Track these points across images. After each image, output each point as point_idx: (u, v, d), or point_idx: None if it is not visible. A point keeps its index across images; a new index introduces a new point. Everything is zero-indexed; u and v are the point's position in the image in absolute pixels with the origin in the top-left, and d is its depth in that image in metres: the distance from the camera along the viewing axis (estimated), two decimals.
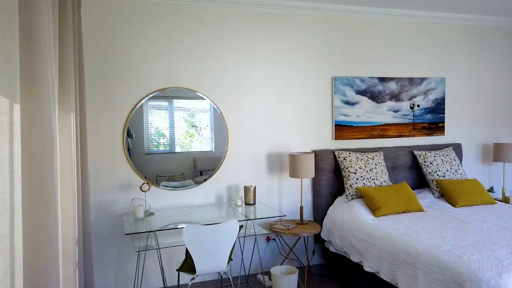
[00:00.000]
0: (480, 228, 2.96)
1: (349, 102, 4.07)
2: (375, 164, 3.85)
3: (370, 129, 4.17)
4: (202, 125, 3.65)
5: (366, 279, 3.15)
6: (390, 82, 4.20)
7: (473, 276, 2.20)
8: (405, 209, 3.47)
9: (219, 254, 2.61)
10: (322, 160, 3.88)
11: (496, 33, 4.57)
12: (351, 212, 3.48)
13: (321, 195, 3.90)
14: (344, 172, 3.79)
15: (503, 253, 2.43)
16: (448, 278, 2.32)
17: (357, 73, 4.09)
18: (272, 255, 3.89)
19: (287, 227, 3.46)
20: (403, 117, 4.28)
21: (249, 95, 3.75)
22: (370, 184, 3.72)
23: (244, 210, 3.36)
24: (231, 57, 3.67)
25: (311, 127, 3.98)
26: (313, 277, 3.70)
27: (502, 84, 4.64)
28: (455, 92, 4.47)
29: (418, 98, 4.31)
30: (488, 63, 4.57)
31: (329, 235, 3.63)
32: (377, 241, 2.98)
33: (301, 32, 3.87)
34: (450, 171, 4.01)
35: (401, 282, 2.65)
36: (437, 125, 4.40)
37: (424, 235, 2.82)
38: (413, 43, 4.26)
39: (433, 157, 4.07)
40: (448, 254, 2.46)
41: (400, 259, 2.71)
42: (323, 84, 3.99)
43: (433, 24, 4.33)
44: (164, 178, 3.55)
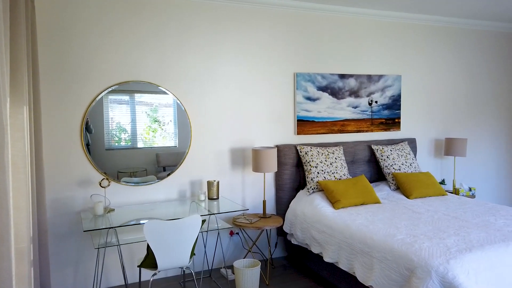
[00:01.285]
0: (431, 218, 3.14)
1: (310, 98, 4.16)
2: (335, 158, 3.96)
3: (330, 125, 4.29)
4: (165, 120, 3.60)
5: (326, 270, 3.26)
6: (350, 79, 4.33)
7: (423, 263, 2.34)
8: (363, 201, 3.61)
9: (181, 249, 2.60)
10: (284, 154, 3.95)
11: (448, 33, 4.82)
12: (312, 205, 3.57)
13: (283, 189, 3.98)
14: (306, 166, 3.88)
15: (451, 241, 2.59)
16: (401, 266, 2.45)
17: (319, 70, 4.18)
18: (236, 249, 3.92)
19: (250, 221, 3.50)
20: (362, 113, 4.43)
21: (213, 90, 3.74)
22: (330, 177, 3.84)
23: (207, 205, 3.37)
24: (195, 52, 3.64)
25: (274, 122, 4.03)
26: (276, 269, 3.78)
27: (453, 82, 4.91)
28: (410, 89, 4.68)
29: (376, 94, 4.48)
30: (441, 62, 4.82)
31: (291, 228, 3.71)
32: (336, 233, 3.08)
33: (265, 28, 3.91)
34: (405, 165, 4.21)
35: (358, 271, 2.77)
36: (394, 120, 4.60)
37: (380, 226, 2.95)
38: (371, 41, 4.42)
39: (389, 151, 4.25)
40: (401, 243, 2.59)
41: (358, 249, 2.82)
42: (285, 80, 4.05)
43: (391, 23, 4.50)
44: (125, 174, 3.48)
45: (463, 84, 4.97)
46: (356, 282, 2.87)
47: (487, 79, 5.11)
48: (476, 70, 5.03)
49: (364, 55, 4.39)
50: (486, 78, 5.10)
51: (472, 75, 5.02)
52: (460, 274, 2.23)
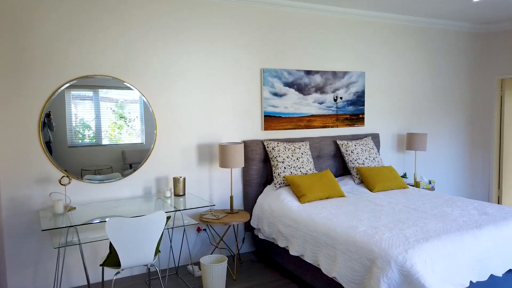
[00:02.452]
0: (392, 210, 3.25)
1: (277, 93, 4.19)
2: (301, 153, 4.02)
3: (297, 120, 4.34)
4: (131, 117, 3.52)
5: (292, 263, 3.31)
6: (316, 75, 4.39)
7: (383, 253, 2.42)
8: (328, 195, 3.68)
9: (145, 246, 2.56)
10: (252, 150, 3.96)
11: (409, 31, 4.99)
12: (278, 200, 3.61)
13: (251, 184, 3.99)
14: (273, 161, 3.91)
15: (410, 231, 2.69)
16: (362, 256, 2.52)
17: (285, 66, 4.22)
18: (203, 245, 3.90)
19: (217, 216, 3.49)
20: (327, 109, 4.51)
21: (179, 86, 3.69)
22: (297, 172, 3.89)
23: (173, 202, 3.33)
24: (160, 46, 3.57)
25: (241, 118, 4.03)
26: (243, 264, 3.79)
27: (415, 79, 5.09)
28: (374, 86, 4.81)
29: (341, 91, 4.57)
30: (403, 59, 4.98)
31: (258, 223, 3.73)
32: (302, 226, 3.13)
33: (232, 23, 3.89)
34: (369, 159, 4.33)
35: (322, 263, 2.82)
36: (358, 116, 4.71)
37: (344, 218, 3.02)
38: (336, 38, 4.50)
39: (354, 146, 4.35)
40: (363, 234, 2.67)
41: (322, 241, 2.88)
42: (252, 75, 4.05)
43: (355, 20, 4.60)
44: (90, 172, 3.37)
45: (424, 81, 5.16)
46: (321, 274, 2.93)
47: (446, 76, 5.33)
48: (436, 68, 5.24)
49: (330, 52, 4.47)
50: (445, 75, 5.32)
51: (432, 72, 5.22)
52: (417, 263, 2.32)
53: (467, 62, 5.49)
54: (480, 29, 5.48)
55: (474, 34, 5.50)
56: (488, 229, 2.73)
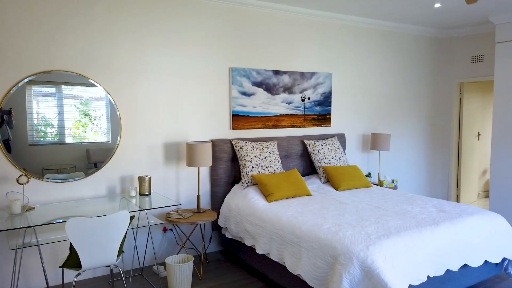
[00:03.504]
0: (356, 208, 3.33)
1: (246, 93, 4.20)
2: (269, 152, 4.05)
3: (265, 120, 4.36)
4: (97, 114, 3.43)
5: (259, 262, 3.33)
6: (284, 76, 4.44)
7: (346, 250, 2.48)
8: (295, 194, 3.73)
9: (108, 247, 2.50)
10: (220, 149, 3.95)
11: (374, 35, 5.13)
12: (246, 199, 3.62)
13: (218, 183, 3.98)
14: (241, 160, 3.91)
15: (372, 228, 2.77)
16: (326, 254, 2.57)
17: (254, 65, 4.23)
18: (169, 245, 3.86)
19: (183, 216, 3.46)
20: (295, 109, 4.57)
21: (146, 83, 3.63)
22: (265, 171, 3.91)
23: (138, 201, 3.27)
24: (126, 42, 3.50)
25: (209, 116, 4.01)
26: (210, 264, 3.78)
27: (379, 81, 5.24)
28: (340, 87, 4.91)
29: (308, 91, 4.64)
30: (368, 62, 5.11)
31: (226, 222, 3.73)
32: (268, 224, 3.16)
33: (201, 21, 3.86)
34: (335, 159, 4.42)
35: (288, 261, 2.86)
36: (325, 116, 4.80)
37: (309, 217, 3.07)
38: (304, 39, 4.56)
39: (320, 146, 4.43)
40: (327, 232, 2.72)
41: (287, 239, 2.92)
42: (221, 74, 4.04)
43: (322, 22, 4.68)
44: (51, 171, 3.25)
45: (388, 83, 5.33)
46: (286, 271, 2.97)
47: (409, 79, 5.52)
48: (400, 70, 5.42)
49: (298, 53, 4.53)
50: (408, 78, 5.51)
51: (396, 75, 5.39)
52: (378, 259, 2.40)
53: (429, 66, 5.71)
54: (441, 34, 5.71)
55: (435, 39, 5.73)
56: (445, 226, 2.85)
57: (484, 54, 5.40)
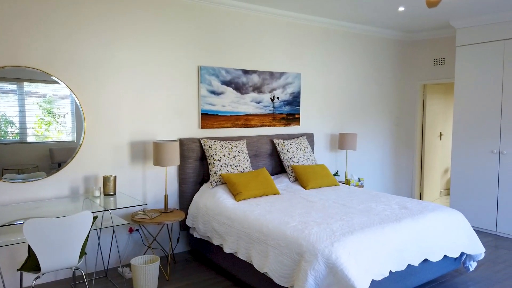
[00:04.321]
0: (322, 206, 3.39)
1: (215, 92, 4.18)
2: (238, 151, 4.05)
3: (235, 119, 4.36)
4: (61, 113, 3.31)
5: (227, 261, 3.32)
6: (253, 75, 4.45)
7: (311, 247, 2.51)
8: (263, 192, 3.74)
9: (69, 248, 2.42)
10: (188, 148, 3.91)
11: (342, 36, 5.23)
12: (214, 198, 3.60)
13: (187, 183, 3.94)
14: (210, 159, 3.89)
15: (337, 225, 2.82)
16: (292, 251, 2.60)
17: (223, 64, 4.22)
18: (135, 246, 3.78)
19: (150, 216, 3.40)
20: (264, 108, 4.59)
21: (111, 80, 3.54)
22: (233, 170, 3.91)
23: (102, 201, 3.18)
24: (89, 37, 3.40)
25: (178, 115, 3.96)
26: (178, 264, 3.73)
27: (347, 82, 5.35)
28: (309, 87, 4.98)
29: (277, 91, 4.67)
30: (336, 63, 5.21)
31: (194, 222, 3.70)
32: (236, 223, 3.16)
33: (169, 18, 3.81)
34: (303, 158, 4.47)
35: (255, 259, 2.87)
36: (294, 116, 4.85)
37: (276, 215, 3.09)
38: (274, 39, 4.59)
39: (289, 145, 4.47)
40: (293, 229, 2.75)
41: (255, 238, 2.92)
42: (190, 72, 4.00)
43: (291, 23, 4.73)
44: (12, 171, 3.11)
45: (355, 84, 5.45)
46: (253, 270, 2.98)
47: (375, 80, 5.67)
48: (366, 72, 5.55)
49: (267, 52, 4.55)
50: (374, 79, 5.66)
51: (363, 76, 5.52)
52: (342, 255, 2.44)
53: (394, 68, 5.88)
54: (405, 37, 5.90)
55: (400, 42, 5.91)
56: (407, 222, 2.95)
57: (445, 57, 5.62)
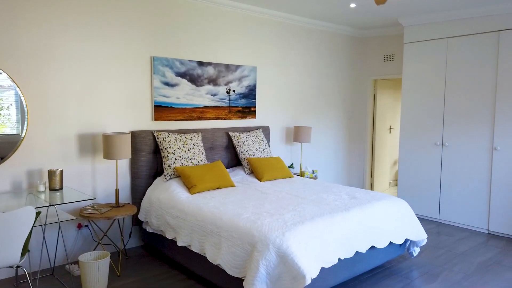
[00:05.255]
0: (276, 197, 3.44)
1: (169, 83, 4.10)
2: (193, 144, 4.00)
3: (189, 111, 4.30)
4: (4, 104, 3.10)
5: (181, 254, 3.29)
6: (209, 67, 4.41)
7: (263, 237, 2.55)
8: (218, 185, 3.74)
9: (9, 246, 2.29)
10: (141, 141, 3.81)
11: (298, 31, 5.31)
12: (168, 191, 3.55)
13: (140, 176, 3.85)
14: (163, 152, 3.82)
15: (289, 216, 2.88)
16: (245, 242, 2.62)
17: (177, 55, 4.14)
18: (85, 242, 3.65)
19: (99, 211, 3.29)
20: (220, 101, 4.57)
21: (56, 69, 3.36)
22: (188, 163, 3.87)
23: (47, 196, 3.03)
24: (32, 25, 3.20)
25: (129, 107, 3.84)
26: (130, 260, 3.65)
27: (302, 76, 5.44)
28: (264, 80, 5.01)
29: (233, 83, 4.66)
30: (291, 57, 5.28)
31: (146, 216, 3.63)
32: (189, 216, 3.13)
33: (120, 7, 3.67)
34: (259, 150, 4.51)
35: (208, 251, 2.86)
36: (250, 109, 4.87)
37: (230, 207, 3.10)
38: (229, 31, 4.57)
39: (245, 138, 4.49)
40: (246, 220, 2.78)
41: (208, 230, 2.92)
42: (142, 63, 3.89)
43: (248, 16, 4.72)
44: None
45: (310, 78, 5.56)
46: (207, 262, 2.97)
47: (329, 75, 5.81)
48: (320, 66, 5.68)
49: (222, 45, 4.52)
50: (328, 74, 5.80)
51: (317, 70, 5.64)
52: (293, 244, 2.50)
53: (346, 63, 6.06)
54: (358, 34, 6.09)
55: (352, 38, 6.09)
56: (355, 211, 3.07)
57: (394, 53, 5.87)
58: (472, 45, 4.59)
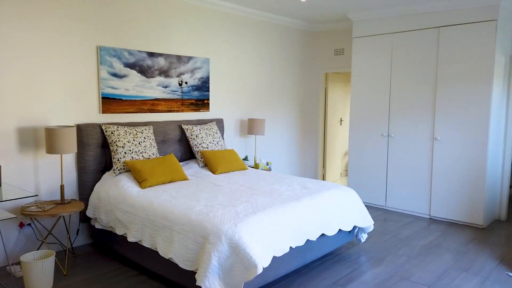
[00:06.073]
0: (229, 189, 3.45)
1: (117, 74, 3.95)
2: (144, 137, 3.90)
3: (140, 103, 4.18)
4: None
5: (132, 250, 3.21)
6: (159, 58, 4.30)
7: (215, 229, 2.55)
8: (170, 179, 3.68)
9: None
10: (87, 134, 3.65)
11: (250, 23, 5.31)
12: (117, 186, 3.43)
13: (87, 171, 3.69)
14: (112, 146, 3.69)
15: (242, 207, 2.90)
16: (197, 234, 2.61)
17: (126, 45, 4.00)
18: (28, 242, 3.45)
19: (43, 208, 3.12)
20: (172, 93, 4.48)
21: None
22: (139, 157, 3.76)
23: None
24: None
25: (74, 99, 3.66)
26: (78, 258, 3.50)
27: (255, 69, 5.46)
28: (218, 73, 4.98)
29: (186, 75, 4.59)
30: (245, 49, 5.28)
31: (95, 212, 3.50)
32: (140, 211, 3.06)
33: None
34: (213, 143, 4.49)
35: (160, 246, 2.82)
36: (203, 101, 4.82)
37: (182, 200, 3.07)
38: (180, 22, 4.47)
39: (198, 130, 4.44)
40: (198, 213, 2.76)
41: (160, 224, 2.87)
42: (88, 53, 3.71)
43: (200, 7, 4.65)
44: None
45: (263, 71, 5.59)
46: (159, 257, 2.93)
47: (282, 68, 5.88)
48: (274, 59, 5.73)
49: (174, 35, 4.42)
50: (281, 67, 5.87)
51: (271, 64, 5.69)
52: (245, 235, 2.52)
53: (299, 56, 6.17)
54: (310, 28, 6.21)
55: (304, 32, 6.20)
56: (305, 201, 3.15)
57: (344, 47, 6.05)
58: (415, 40, 4.84)
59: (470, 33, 4.41)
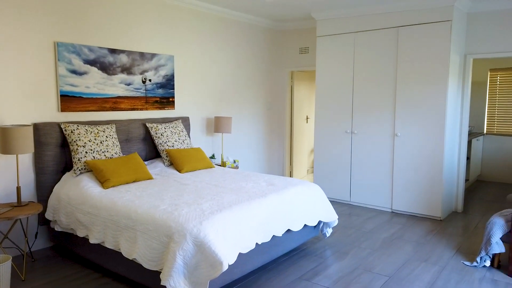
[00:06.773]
0: (195, 188, 3.42)
1: (76, 71, 3.81)
2: (106, 136, 3.79)
3: (101, 102, 4.06)
4: None
5: (94, 252, 3.12)
6: (121, 55, 4.19)
7: (180, 227, 2.52)
8: (134, 178, 3.60)
9: None
10: (45, 133, 3.51)
11: (216, 21, 5.28)
12: (78, 187, 3.32)
13: (45, 172, 3.54)
14: (72, 146, 3.56)
15: (207, 205, 2.88)
16: (161, 234, 2.57)
17: (85, 41, 3.87)
18: None
19: None
20: (135, 91, 4.38)
21: None
22: (101, 156, 3.66)
23: None
24: None
25: (31, 97, 3.50)
26: (37, 262, 3.36)
27: (221, 67, 5.44)
28: (183, 70, 4.91)
29: (149, 73, 4.50)
30: (212, 47, 5.24)
31: (55, 214, 3.37)
32: (102, 212, 2.98)
33: None
34: (178, 141, 4.43)
35: (123, 246, 2.75)
36: (168, 99, 4.75)
37: (146, 199, 3.01)
38: (144, 18, 4.38)
39: (163, 129, 4.37)
40: (163, 212, 2.72)
41: (123, 225, 2.80)
42: (45, 49, 3.56)
43: (164, 3, 4.57)
44: None
45: (230, 69, 5.58)
46: (122, 258, 2.86)
47: (248, 66, 5.89)
48: (240, 57, 5.73)
49: (136, 32, 4.32)
50: (247, 65, 5.88)
51: (237, 61, 5.68)
52: (210, 233, 2.51)
53: (265, 54, 6.20)
54: (275, 26, 6.25)
55: (270, 30, 6.24)
56: (271, 197, 3.17)
57: (309, 46, 6.14)
58: (376, 40, 4.99)
59: (427, 33, 4.60)
